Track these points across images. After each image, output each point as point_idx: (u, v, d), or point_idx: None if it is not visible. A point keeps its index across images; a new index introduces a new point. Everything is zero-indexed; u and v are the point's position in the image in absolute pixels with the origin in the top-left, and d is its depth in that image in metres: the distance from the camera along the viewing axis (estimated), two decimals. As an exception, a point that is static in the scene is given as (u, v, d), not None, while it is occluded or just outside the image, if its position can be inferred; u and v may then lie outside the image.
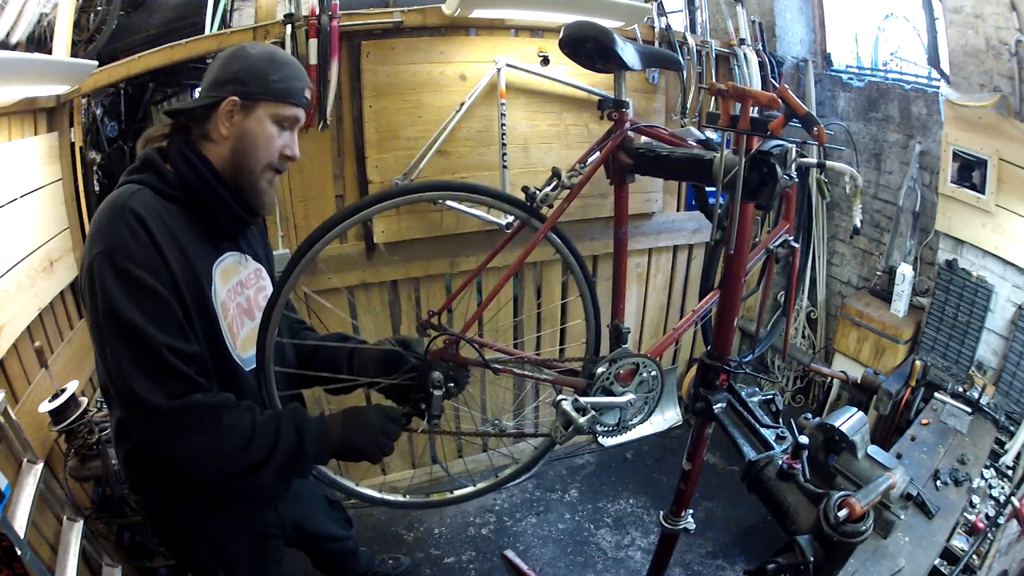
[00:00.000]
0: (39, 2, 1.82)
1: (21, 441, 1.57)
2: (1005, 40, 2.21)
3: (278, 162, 1.20)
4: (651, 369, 1.42)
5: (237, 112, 1.14)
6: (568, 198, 1.38)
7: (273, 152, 1.18)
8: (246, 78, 1.13)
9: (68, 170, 2.04)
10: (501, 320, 2.78)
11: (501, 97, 2.49)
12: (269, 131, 1.16)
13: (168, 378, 1.06)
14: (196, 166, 1.14)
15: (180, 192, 1.13)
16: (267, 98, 1.15)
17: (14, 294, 1.64)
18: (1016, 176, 2.32)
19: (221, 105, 1.13)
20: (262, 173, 1.19)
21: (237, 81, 1.13)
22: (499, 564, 2.52)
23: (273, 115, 1.16)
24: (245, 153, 1.16)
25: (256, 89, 1.14)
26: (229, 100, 1.13)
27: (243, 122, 1.14)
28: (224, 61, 1.16)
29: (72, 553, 1.56)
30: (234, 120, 1.14)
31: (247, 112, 1.14)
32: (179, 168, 1.13)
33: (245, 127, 1.15)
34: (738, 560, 2.56)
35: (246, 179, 1.18)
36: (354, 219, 1.23)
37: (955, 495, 2.02)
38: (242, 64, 1.14)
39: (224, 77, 1.14)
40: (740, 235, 1.22)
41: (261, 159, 1.17)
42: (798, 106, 1.04)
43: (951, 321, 2.66)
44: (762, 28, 3.08)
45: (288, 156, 1.20)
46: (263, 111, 1.15)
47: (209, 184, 1.15)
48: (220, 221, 1.20)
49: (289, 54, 1.24)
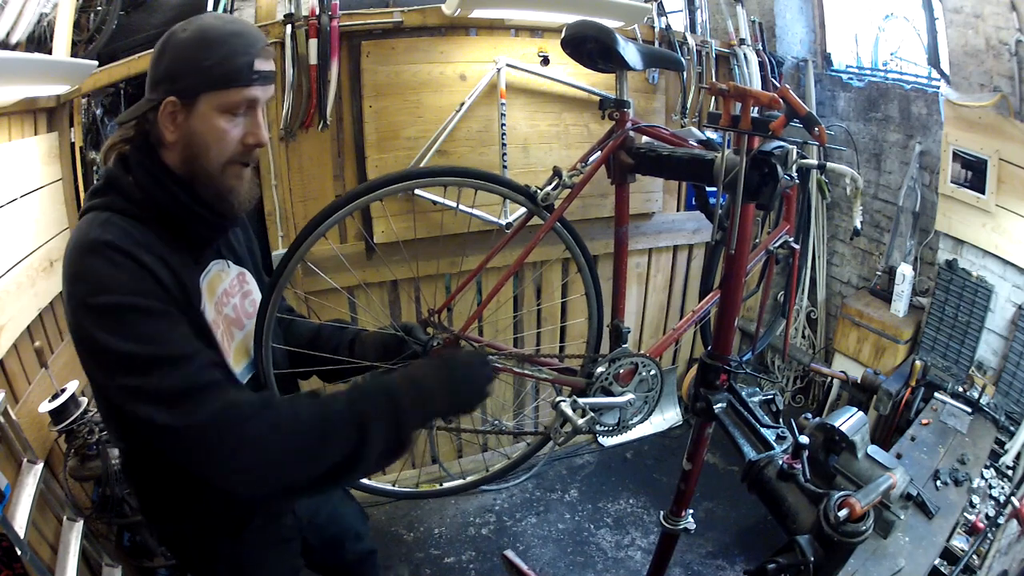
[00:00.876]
0: (39, 2, 1.82)
1: (21, 441, 1.57)
2: (1005, 40, 2.21)
3: (240, 155, 1.03)
4: (651, 369, 1.42)
5: (179, 112, 0.98)
6: (569, 197, 1.38)
7: (229, 147, 1.01)
8: (178, 71, 0.97)
9: (68, 170, 2.04)
10: (501, 320, 2.78)
11: (501, 97, 2.49)
12: (219, 126, 0.99)
13: (194, 394, 0.92)
14: (158, 178, 1.01)
15: (148, 209, 1.00)
16: (205, 89, 0.97)
17: (14, 294, 1.64)
18: (1016, 176, 2.32)
19: (160, 108, 0.98)
20: (223, 172, 1.03)
21: (170, 78, 0.97)
22: (499, 564, 2.52)
23: (219, 105, 0.98)
24: (197, 156, 1.01)
25: (191, 82, 0.97)
26: (166, 103, 0.97)
27: (187, 122, 0.99)
28: (155, 56, 1.00)
29: (72, 553, 1.56)
30: (178, 122, 0.99)
31: (189, 110, 0.98)
32: (142, 182, 1.00)
33: (190, 128, 0.99)
34: (738, 560, 2.56)
35: (207, 183, 1.03)
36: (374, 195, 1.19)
37: (955, 495, 2.02)
38: (171, 56, 0.98)
39: (157, 76, 0.99)
40: (741, 235, 1.22)
41: (215, 159, 1.01)
42: (799, 106, 1.04)
43: (951, 321, 2.66)
44: (762, 28, 3.08)
45: (253, 144, 1.03)
46: (205, 105, 0.98)
47: (175, 196, 1.01)
48: (196, 232, 1.07)
49: (232, 22, 1.04)
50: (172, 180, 1.01)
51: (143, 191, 1.00)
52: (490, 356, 1.29)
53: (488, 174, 1.36)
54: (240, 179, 1.06)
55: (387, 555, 2.58)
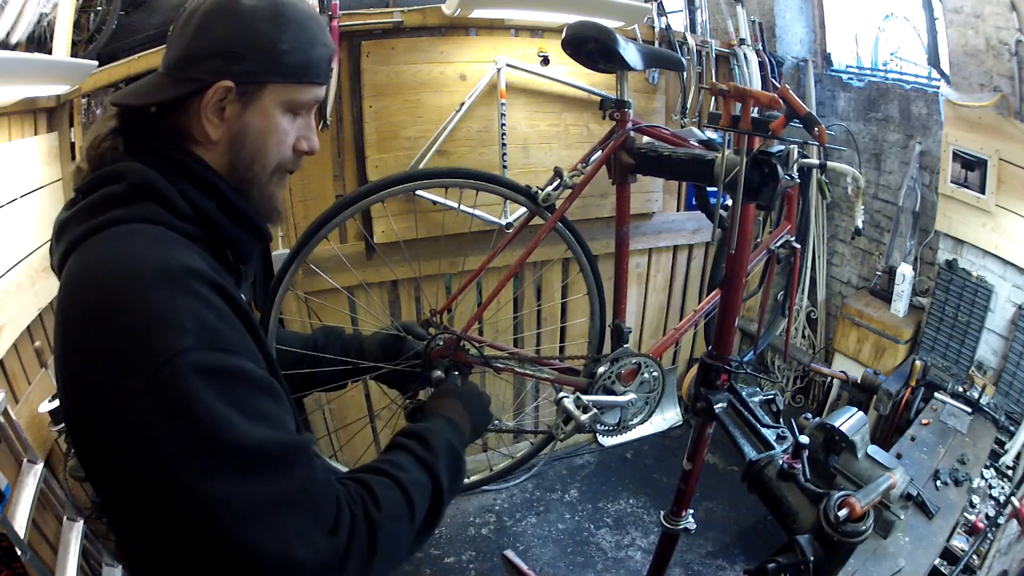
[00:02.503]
0: (39, 2, 1.82)
1: (21, 441, 1.56)
2: (1005, 40, 2.21)
3: (291, 161, 0.85)
4: (652, 369, 1.42)
5: (232, 103, 0.76)
6: (570, 198, 1.38)
7: (285, 151, 0.83)
8: (241, 49, 0.74)
9: (68, 170, 2.04)
10: (501, 320, 2.78)
11: (501, 97, 2.49)
12: (280, 125, 0.80)
13: (343, 508, 0.71)
14: (215, 186, 0.78)
15: (197, 227, 0.76)
16: (277, 79, 0.77)
17: (14, 294, 1.64)
18: (1016, 176, 2.32)
19: (207, 94, 0.75)
20: (271, 179, 0.84)
21: (229, 56, 0.74)
22: (499, 564, 2.52)
23: (286, 102, 0.80)
24: (249, 161, 0.80)
25: (259, 67, 0.76)
26: (219, 87, 0.74)
27: (240, 116, 0.77)
28: (202, 22, 0.75)
29: (72, 553, 1.56)
30: (227, 115, 0.77)
31: (246, 102, 0.77)
32: (188, 192, 0.75)
33: (245, 122, 0.78)
34: (738, 560, 2.56)
35: (254, 194, 0.83)
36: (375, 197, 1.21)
37: (955, 495, 2.02)
38: (234, 26, 0.74)
39: (205, 49, 0.75)
40: (741, 235, 1.22)
41: (270, 163, 0.82)
42: (799, 106, 1.04)
43: (951, 321, 2.66)
44: (762, 28, 3.08)
45: (306, 150, 0.86)
46: (270, 98, 0.78)
47: (236, 211, 0.80)
48: (242, 252, 0.85)
49: (305, 4, 0.83)
50: (232, 191, 0.81)
51: (193, 204, 0.76)
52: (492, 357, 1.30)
53: (489, 175, 1.36)
54: (283, 187, 0.88)
55: None
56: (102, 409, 0.64)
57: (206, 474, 0.61)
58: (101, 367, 0.62)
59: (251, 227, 0.84)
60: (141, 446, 0.61)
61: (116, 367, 0.61)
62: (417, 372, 1.30)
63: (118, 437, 0.63)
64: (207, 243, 0.78)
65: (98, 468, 0.71)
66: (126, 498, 0.69)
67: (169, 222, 0.72)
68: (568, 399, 1.27)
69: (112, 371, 0.62)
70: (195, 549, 0.65)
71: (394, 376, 1.32)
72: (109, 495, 0.74)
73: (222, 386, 0.63)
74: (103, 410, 0.64)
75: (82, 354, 0.65)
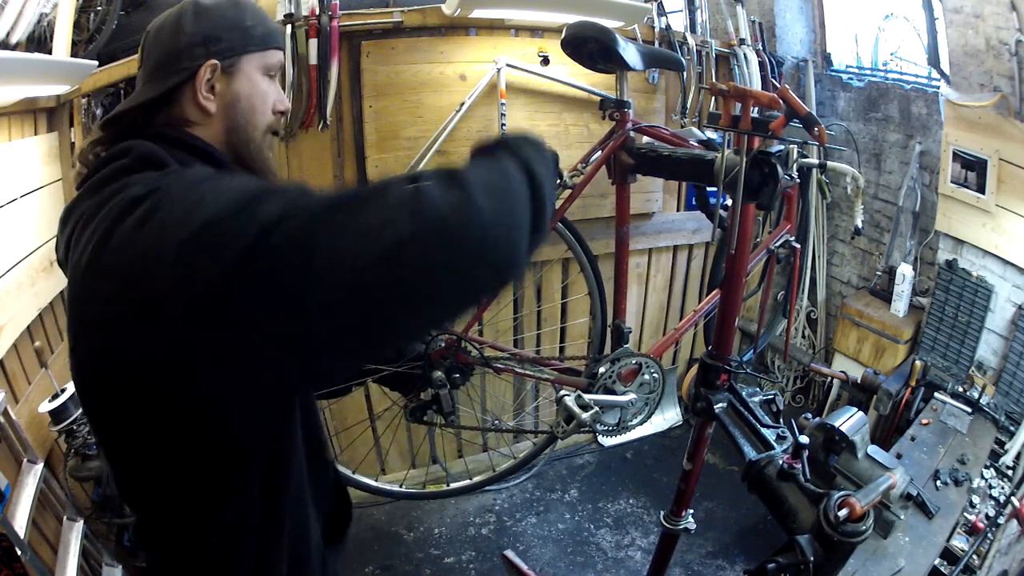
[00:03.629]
0: (39, 2, 1.82)
1: (21, 441, 1.57)
2: (1005, 40, 2.21)
3: (275, 121, 0.97)
4: (653, 370, 1.42)
5: (219, 78, 0.89)
6: (570, 198, 1.38)
7: (270, 109, 0.96)
8: (218, 33, 0.89)
9: (68, 170, 2.04)
10: (501, 321, 2.77)
11: (501, 97, 2.49)
12: (262, 86, 0.94)
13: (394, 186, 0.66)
14: (212, 156, 0.89)
15: None
16: (252, 48, 0.92)
17: (14, 294, 1.64)
18: (1016, 176, 2.32)
19: (199, 74, 0.87)
20: (263, 140, 0.96)
21: (207, 41, 0.88)
22: (499, 564, 2.52)
23: (262, 66, 0.93)
24: (244, 123, 0.92)
25: (236, 43, 0.90)
26: (206, 66, 0.87)
27: (229, 87, 0.90)
28: (173, 27, 0.89)
29: (72, 553, 1.56)
30: (217, 89, 0.90)
31: (232, 74, 0.90)
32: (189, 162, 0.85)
33: (235, 91, 0.91)
34: (738, 560, 2.56)
35: (252, 155, 0.95)
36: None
37: (955, 495, 2.02)
38: (204, 19, 0.89)
39: (185, 43, 0.88)
40: (741, 235, 1.22)
41: (260, 124, 0.94)
42: (799, 106, 1.04)
43: (951, 321, 2.66)
44: (762, 28, 3.08)
45: (282, 110, 0.98)
46: (249, 65, 0.92)
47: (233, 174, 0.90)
48: None
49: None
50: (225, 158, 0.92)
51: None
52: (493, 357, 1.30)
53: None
54: (272, 150, 0.99)
55: (387, 555, 2.58)
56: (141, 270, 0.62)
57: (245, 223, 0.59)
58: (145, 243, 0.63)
59: None
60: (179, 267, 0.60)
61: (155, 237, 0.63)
62: (418, 374, 1.31)
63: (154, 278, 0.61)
64: None
65: (120, 408, 0.73)
66: (146, 423, 0.71)
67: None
68: (569, 397, 1.27)
69: (150, 241, 0.63)
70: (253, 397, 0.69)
71: (396, 378, 1.33)
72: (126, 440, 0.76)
73: (188, 182, 0.69)
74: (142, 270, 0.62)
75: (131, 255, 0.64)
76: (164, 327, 0.62)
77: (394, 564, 2.55)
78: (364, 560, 2.53)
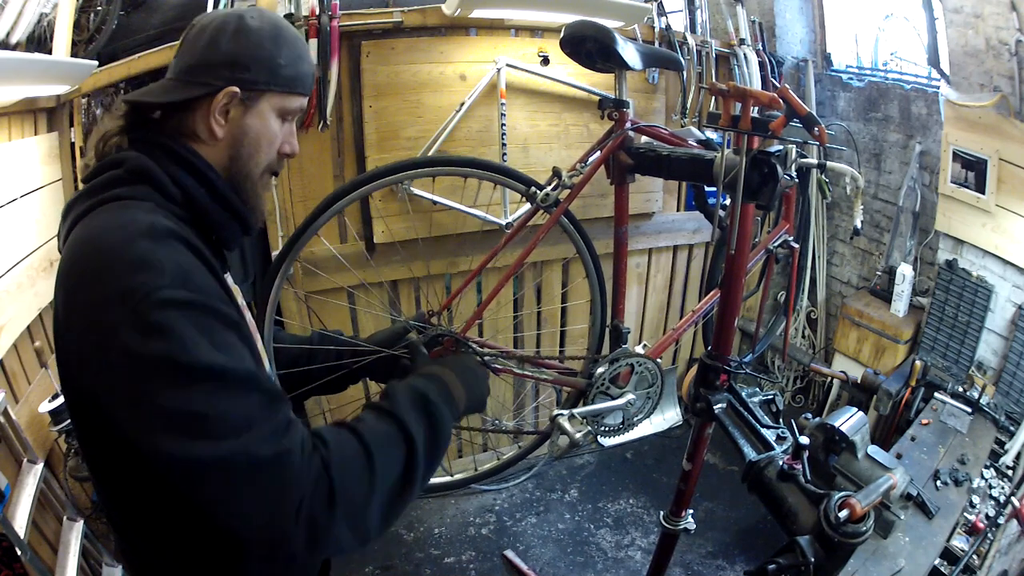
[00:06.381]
0: (39, 2, 1.82)
1: (21, 441, 1.57)
2: (1005, 40, 2.21)
3: (277, 163, 0.98)
4: (651, 369, 1.42)
5: (235, 106, 0.89)
6: (569, 197, 1.38)
7: (274, 152, 0.96)
8: (247, 62, 0.88)
9: (68, 170, 2.04)
10: (501, 321, 2.78)
11: (501, 97, 2.49)
12: (272, 128, 0.94)
13: (292, 426, 0.77)
14: (207, 177, 0.89)
15: (185, 210, 0.87)
16: (275, 88, 0.91)
17: (14, 294, 1.64)
18: (1016, 176, 2.32)
19: (216, 97, 0.87)
20: (261, 178, 0.96)
21: (236, 65, 0.87)
22: (499, 564, 2.52)
23: (279, 108, 0.93)
24: (247, 158, 0.92)
25: (261, 77, 0.89)
26: (226, 92, 0.87)
27: (242, 118, 0.90)
28: (213, 36, 0.88)
29: (72, 553, 1.56)
30: (231, 116, 0.89)
31: (248, 106, 0.90)
32: (180, 178, 0.86)
33: (245, 124, 0.91)
34: (738, 560, 2.56)
35: (247, 191, 0.94)
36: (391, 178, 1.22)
37: (955, 495, 2.02)
38: (241, 43, 0.88)
39: (216, 59, 0.87)
40: (741, 235, 1.22)
41: (261, 163, 0.94)
42: (799, 106, 1.04)
43: (951, 321, 2.66)
44: (762, 28, 3.08)
45: (288, 152, 0.98)
46: (267, 104, 0.91)
47: (224, 198, 0.91)
48: (226, 239, 0.95)
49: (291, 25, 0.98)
50: (221, 181, 0.91)
51: (183, 189, 0.87)
52: (491, 357, 1.30)
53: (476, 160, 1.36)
54: (269, 189, 1.04)
55: (387, 555, 2.58)
56: (87, 341, 0.72)
57: (167, 390, 0.69)
58: (90, 308, 0.72)
59: (237, 215, 0.94)
60: (120, 373, 0.69)
61: (102, 303, 0.71)
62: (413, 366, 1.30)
63: (100, 367, 0.71)
64: (193, 225, 0.87)
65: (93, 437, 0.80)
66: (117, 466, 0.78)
67: (159, 201, 0.83)
68: (563, 416, 1.27)
69: (99, 308, 0.71)
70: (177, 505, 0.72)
71: (391, 375, 1.32)
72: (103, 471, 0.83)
73: (194, 317, 0.72)
74: (87, 342, 0.72)
75: (76, 300, 0.75)
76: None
77: (394, 564, 2.55)
78: (364, 560, 2.53)
